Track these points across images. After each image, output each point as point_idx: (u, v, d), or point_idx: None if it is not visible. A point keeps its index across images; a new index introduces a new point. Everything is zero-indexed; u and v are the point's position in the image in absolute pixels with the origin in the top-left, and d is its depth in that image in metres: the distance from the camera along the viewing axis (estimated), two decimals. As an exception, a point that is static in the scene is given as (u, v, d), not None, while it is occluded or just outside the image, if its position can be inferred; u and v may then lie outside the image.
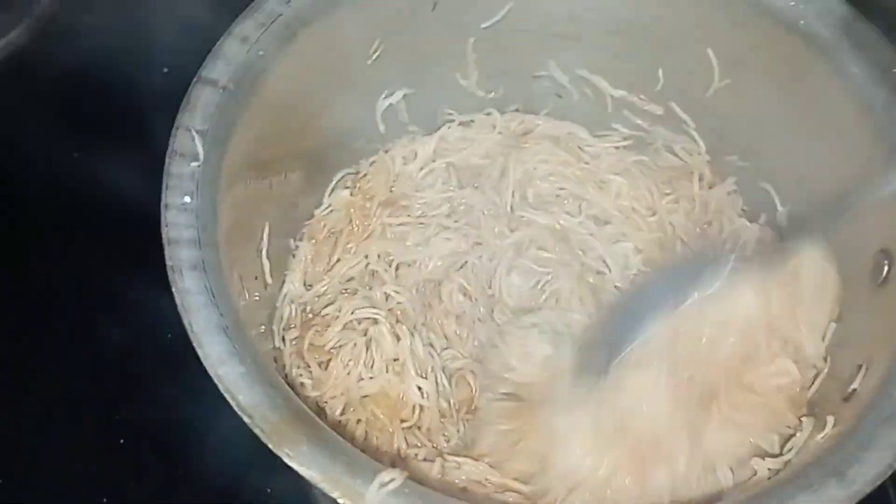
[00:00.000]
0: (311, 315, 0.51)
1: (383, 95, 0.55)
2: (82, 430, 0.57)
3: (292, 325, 0.51)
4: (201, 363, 0.34)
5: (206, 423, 0.55)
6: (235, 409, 0.33)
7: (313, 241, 0.54)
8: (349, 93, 0.53)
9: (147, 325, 0.57)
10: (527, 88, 0.58)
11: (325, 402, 0.47)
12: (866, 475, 0.32)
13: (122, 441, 0.56)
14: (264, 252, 0.48)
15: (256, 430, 0.32)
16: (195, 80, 0.42)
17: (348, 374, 0.47)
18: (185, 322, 0.35)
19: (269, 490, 0.55)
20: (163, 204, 0.38)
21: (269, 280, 0.49)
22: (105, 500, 0.54)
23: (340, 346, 0.48)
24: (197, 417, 0.55)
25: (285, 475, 0.54)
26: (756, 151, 0.54)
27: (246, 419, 0.33)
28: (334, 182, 0.55)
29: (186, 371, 0.35)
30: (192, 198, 0.39)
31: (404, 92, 0.56)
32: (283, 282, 0.52)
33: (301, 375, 0.48)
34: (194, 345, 0.34)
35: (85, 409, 0.57)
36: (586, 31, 0.55)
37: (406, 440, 0.46)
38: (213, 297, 0.36)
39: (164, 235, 0.37)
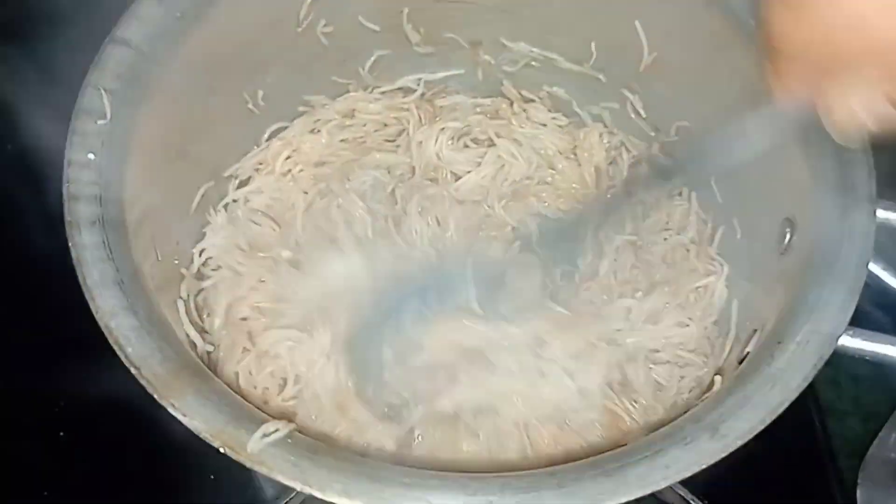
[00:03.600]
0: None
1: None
2: (22, 422, 0.57)
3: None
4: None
5: (147, 414, 0.55)
6: (124, 360, 0.33)
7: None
8: (277, 62, 0.53)
9: (85, 315, 0.58)
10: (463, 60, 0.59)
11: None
12: (739, 430, 0.32)
13: (61, 433, 0.56)
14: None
15: (143, 382, 0.33)
16: (107, 39, 0.42)
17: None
18: (79, 275, 0.35)
19: (212, 476, 0.56)
20: (66, 160, 0.38)
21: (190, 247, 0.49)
22: (46, 493, 0.55)
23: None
24: (138, 408, 0.55)
25: (227, 463, 0.56)
26: (685, 126, 0.54)
27: (133, 371, 0.33)
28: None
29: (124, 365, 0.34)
30: (95, 155, 0.39)
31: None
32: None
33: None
34: (87, 298, 0.34)
35: (24, 400, 0.57)
36: (518, 3, 0.55)
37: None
38: (111, 252, 0.36)
39: (64, 191, 0.37)
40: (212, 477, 0.56)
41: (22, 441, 0.57)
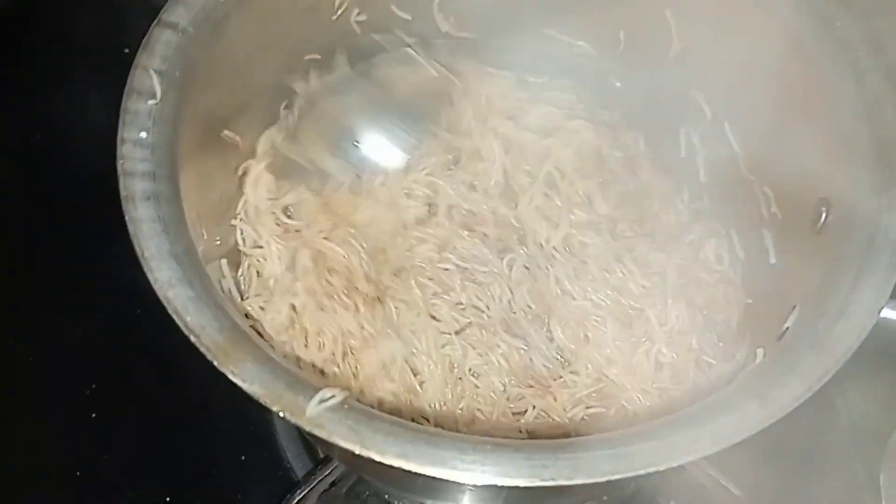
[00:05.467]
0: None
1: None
2: (54, 405, 0.58)
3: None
4: (170, 336, 0.34)
5: (178, 396, 0.56)
6: (183, 329, 0.34)
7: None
8: (312, 49, 0.54)
9: (116, 301, 0.58)
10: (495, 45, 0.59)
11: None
12: (785, 398, 0.33)
13: (93, 415, 0.57)
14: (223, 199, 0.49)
15: (202, 349, 0.33)
16: (155, 22, 0.43)
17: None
18: (137, 249, 0.36)
19: (242, 458, 0.57)
20: (119, 138, 0.39)
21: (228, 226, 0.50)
22: (78, 473, 0.56)
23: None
24: (169, 391, 0.56)
25: (258, 444, 0.57)
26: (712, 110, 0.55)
27: (193, 339, 0.34)
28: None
29: (155, 345, 0.34)
30: (148, 133, 0.39)
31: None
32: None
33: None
34: (145, 270, 0.35)
35: (56, 384, 0.59)
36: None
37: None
38: (166, 225, 0.37)
39: (119, 168, 0.38)
40: (242, 458, 0.57)
41: (54, 423, 0.58)
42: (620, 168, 0.58)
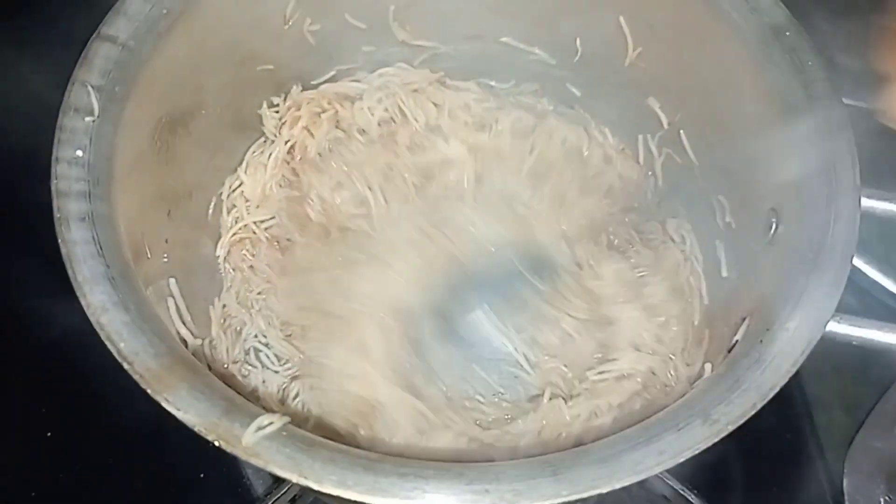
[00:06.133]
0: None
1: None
2: (9, 424, 0.57)
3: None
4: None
5: (135, 413, 0.54)
6: (116, 356, 0.33)
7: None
8: (264, 60, 0.53)
9: (71, 321, 0.57)
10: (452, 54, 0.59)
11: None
12: (731, 415, 0.33)
13: (49, 434, 0.56)
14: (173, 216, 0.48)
15: (136, 377, 0.32)
16: (94, 36, 0.42)
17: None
18: (69, 272, 0.35)
19: (202, 475, 0.56)
20: (53, 157, 0.38)
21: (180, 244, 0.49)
22: (33, 493, 0.55)
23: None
24: (126, 408, 0.55)
25: (217, 461, 0.56)
26: (669, 118, 0.55)
27: (126, 366, 0.33)
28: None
29: (111, 361, 0.34)
30: (84, 151, 0.38)
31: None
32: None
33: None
34: (77, 294, 0.34)
35: (11, 402, 0.57)
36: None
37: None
38: (101, 248, 0.36)
39: (52, 188, 0.37)
40: (202, 475, 0.56)
41: (9, 442, 0.56)
42: (602, 164, 0.58)
